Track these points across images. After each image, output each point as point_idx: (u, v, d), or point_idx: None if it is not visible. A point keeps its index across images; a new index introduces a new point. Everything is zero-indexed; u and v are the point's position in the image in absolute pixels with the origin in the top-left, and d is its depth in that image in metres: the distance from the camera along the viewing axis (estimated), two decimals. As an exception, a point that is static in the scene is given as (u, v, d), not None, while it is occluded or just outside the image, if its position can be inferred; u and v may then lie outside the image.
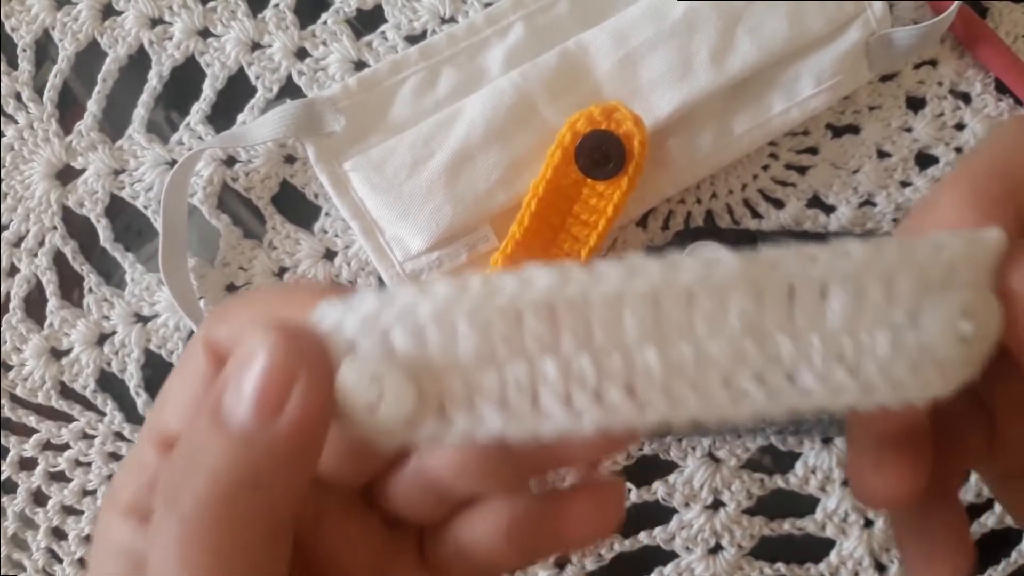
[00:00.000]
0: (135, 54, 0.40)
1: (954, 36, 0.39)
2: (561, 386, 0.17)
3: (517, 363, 0.17)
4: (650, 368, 0.17)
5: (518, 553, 0.22)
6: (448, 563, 0.23)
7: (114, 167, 0.40)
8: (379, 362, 0.17)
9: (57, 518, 0.42)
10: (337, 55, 0.40)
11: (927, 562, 0.23)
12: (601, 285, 0.17)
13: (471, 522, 0.22)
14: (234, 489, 0.17)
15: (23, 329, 0.41)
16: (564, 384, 0.17)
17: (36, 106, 0.40)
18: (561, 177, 0.36)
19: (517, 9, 0.38)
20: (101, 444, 0.41)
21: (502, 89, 0.37)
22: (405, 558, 0.23)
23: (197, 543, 0.17)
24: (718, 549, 0.40)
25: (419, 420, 0.18)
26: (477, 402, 0.17)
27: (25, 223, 0.40)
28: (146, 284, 0.40)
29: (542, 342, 0.17)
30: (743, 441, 0.40)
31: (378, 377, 0.17)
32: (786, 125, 0.38)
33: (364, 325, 0.17)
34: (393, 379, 0.17)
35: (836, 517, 0.40)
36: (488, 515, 0.22)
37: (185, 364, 0.21)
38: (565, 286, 0.17)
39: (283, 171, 0.40)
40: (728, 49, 0.36)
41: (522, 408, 0.17)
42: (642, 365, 0.17)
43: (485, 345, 0.17)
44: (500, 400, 0.17)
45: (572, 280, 0.17)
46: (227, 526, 0.17)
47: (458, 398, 0.17)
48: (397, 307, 0.17)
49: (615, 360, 0.17)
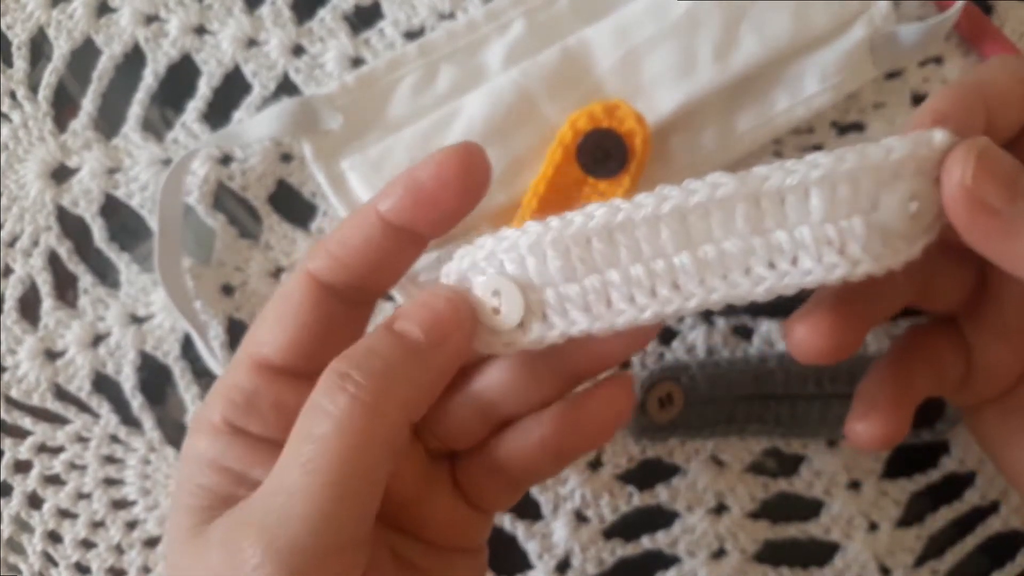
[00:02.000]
0: (130, 51, 0.40)
1: (959, 34, 0.38)
2: (625, 289, 0.24)
3: (592, 276, 0.24)
4: (686, 267, 0.23)
5: (552, 458, 0.27)
6: (481, 483, 0.28)
7: (109, 166, 0.40)
8: (499, 279, 0.24)
9: (53, 521, 0.41)
10: (334, 52, 0.39)
11: (870, 407, 0.28)
12: (641, 210, 0.23)
13: (509, 438, 0.27)
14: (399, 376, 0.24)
15: (18, 330, 0.40)
16: (627, 287, 0.24)
17: (31, 104, 0.40)
18: (562, 176, 0.35)
19: (517, 5, 0.37)
20: (96, 447, 0.41)
21: (502, 86, 0.36)
22: (442, 483, 0.28)
23: (366, 406, 0.23)
24: (722, 553, 0.39)
25: (528, 323, 0.24)
26: (567, 307, 0.24)
27: (20, 223, 0.40)
28: (141, 285, 0.40)
29: (606, 258, 0.23)
30: (747, 444, 0.39)
31: (498, 290, 0.24)
32: (790, 123, 0.37)
33: (486, 257, 0.24)
34: (509, 290, 0.24)
35: (841, 521, 0.39)
36: (524, 429, 0.27)
37: (285, 296, 0.27)
38: (616, 215, 0.23)
39: (280, 170, 0.39)
40: (731, 46, 0.36)
41: (599, 308, 0.24)
42: (679, 265, 0.23)
43: (567, 264, 0.24)
44: (583, 304, 0.24)
45: (621, 209, 0.23)
46: (389, 399, 0.23)
47: (553, 305, 0.24)
48: (506, 242, 0.24)
49: (660, 264, 0.23)
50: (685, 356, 0.39)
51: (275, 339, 0.27)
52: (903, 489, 0.39)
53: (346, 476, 0.22)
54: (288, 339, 0.27)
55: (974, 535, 0.40)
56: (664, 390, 0.38)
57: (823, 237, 0.22)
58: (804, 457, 0.40)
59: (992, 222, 0.22)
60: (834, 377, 0.38)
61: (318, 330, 0.27)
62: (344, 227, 0.26)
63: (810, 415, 0.38)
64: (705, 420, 0.38)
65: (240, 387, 0.27)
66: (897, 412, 0.28)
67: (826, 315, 0.25)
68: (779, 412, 0.38)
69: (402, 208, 0.25)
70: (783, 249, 0.23)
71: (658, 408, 0.38)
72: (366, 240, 0.26)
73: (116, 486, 0.41)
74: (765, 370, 0.38)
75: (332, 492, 0.22)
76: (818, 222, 0.22)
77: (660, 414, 0.38)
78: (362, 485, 0.23)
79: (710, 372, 0.38)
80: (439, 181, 0.25)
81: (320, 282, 0.27)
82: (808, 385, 0.38)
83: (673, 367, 0.38)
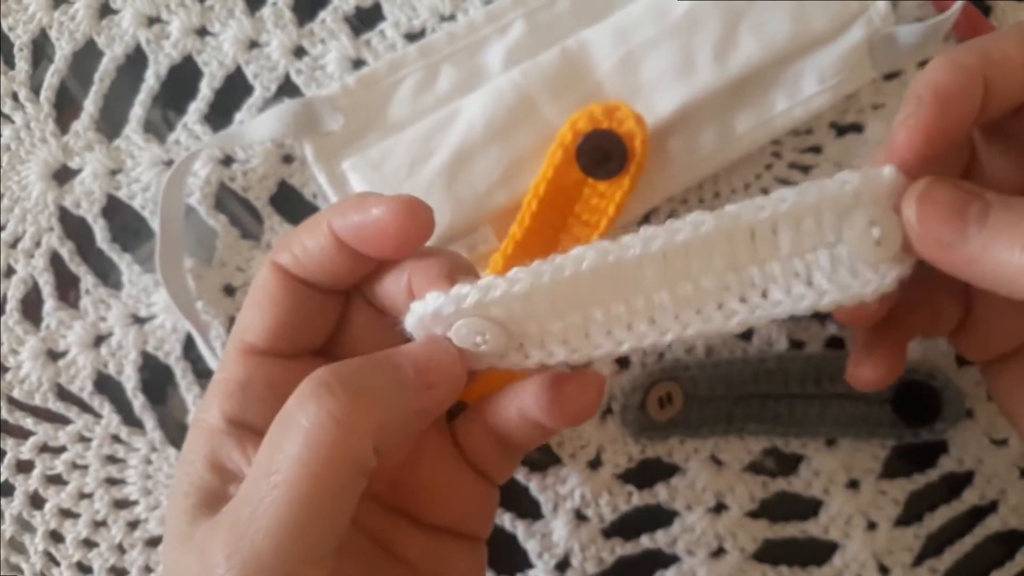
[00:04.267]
0: (132, 53, 0.40)
1: (958, 34, 0.38)
2: (604, 324, 0.25)
3: (575, 314, 0.25)
4: (664, 304, 0.24)
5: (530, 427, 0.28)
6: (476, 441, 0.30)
7: (111, 167, 0.40)
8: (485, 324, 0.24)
9: (54, 521, 0.41)
10: (335, 53, 0.39)
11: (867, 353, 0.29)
12: (628, 252, 0.24)
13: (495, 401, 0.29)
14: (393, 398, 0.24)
15: (20, 331, 0.40)
16: (606, 323, 0.25)
17: (33, 106, 0.40)
18: (562, 176, 0.35)
19: (517, 7, 0.37)
20: (98, 447, 0.41)
21: (502, 88, 0.36)
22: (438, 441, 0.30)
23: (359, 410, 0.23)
24: (721, 552, 0.40)
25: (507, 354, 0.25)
26: (547, 341, 0.25)
27: (22, 224, 0.40)
28: (143, 285, 0.40)
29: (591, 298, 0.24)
30: (746, 443, 0.39)
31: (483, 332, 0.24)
32: (789, 124, 0.37)
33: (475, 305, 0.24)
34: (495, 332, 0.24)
35: (840, 520, 0.39)
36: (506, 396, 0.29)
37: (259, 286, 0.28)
38: (605, 257, 0.24)
39: (281, 171, 0.40)
40: (730, 47, 0.36)
41: (578, 342, 0.25)
42: (658, 302, 0.24)
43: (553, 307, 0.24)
44: (563, 339, 0.25)
45: (609, 252, 0.24)
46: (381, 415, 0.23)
47: (535, 340, 0.25)
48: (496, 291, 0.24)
49: (640, 302, 0.24)
50: (685, 356, 0.39)
51: (256, 324, 0.28)
52: (902, 488, 0.40)
53: (312, 495, 0.22)
54: (268, 323, 0.28)
55: (973, 534, 0.40)
56: (664, 390, 0.38)
57: (791, 270, 0.24)
58: (803, 456, 0.40)
59: (951, 254, 0.23)
60: (833, 377, 0.38)
61: (295, 314, 0.28)
62: (302, 231, 0.27)
63: (809, 415, 0.38)
64: (704, 419, 0.39)
65: (233, 378, 0.28)
66: (892, 352, 0.29)
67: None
68: (778, 412, 0.38)
69: (347, 230, 0.26)
70: (754, 283, 0.24)
71: (658, 407, 0.38)
72: (321, 249, 0.27)
73: (118, 486, 0.41)
74: (764, 370, 0.38)
75: (297, 510, 0.22)
76: (786, 256, 0.24)
77: (660, 413, 0.38)
78: (328, 504, 0.22)
79: (710, 372, 0.38)
80: (378, 229, 0.25)
81: (288, 272, 0.28)
82: (807, 385, 0.38)
83: (673, 367, 0.38)
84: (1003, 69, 0.24)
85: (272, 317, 0.28)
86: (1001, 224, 0.22)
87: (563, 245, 0.36)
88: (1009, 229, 0.22)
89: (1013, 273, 0.22)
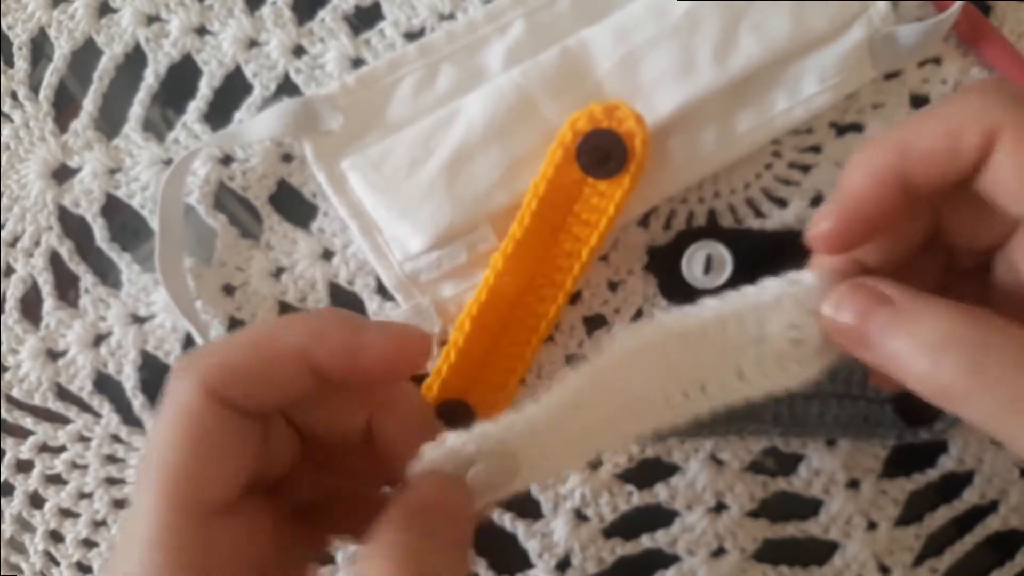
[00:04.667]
0: (131, 52, 0.40)
1: (958, 34, 0.38)
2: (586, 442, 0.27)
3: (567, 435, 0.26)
4: (602, 418, 0.26)
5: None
6: None
7: (110, 166, 0.40)
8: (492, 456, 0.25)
9: (54, 521, 0.41)
10: (335, 52, 0.39)
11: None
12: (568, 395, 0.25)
13: None
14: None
15: (19, 330, 0.40)
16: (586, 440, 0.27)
17: (32, 104, 0.40)
18: (562, 176, 0.35)
19: (517, 6, 0.37)
20: (97, 447, 0.41)
21: (502, 87, 0.36)
22: None
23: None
24: (721, 552, 0.40)
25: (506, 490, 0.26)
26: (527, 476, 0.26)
27: (21, 223, 0.40)
28: (142, 284, 0.40)
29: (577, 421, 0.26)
30: (746, 443, 0.39)
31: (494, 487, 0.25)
32: (789, 124, 0.37)
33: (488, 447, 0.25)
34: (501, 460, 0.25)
35: (840, 520, 0.39)
36: None
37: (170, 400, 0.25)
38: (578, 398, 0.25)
39: (280, 170, 0.39)
40: (731, 47, 0.36)
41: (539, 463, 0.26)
42: (601, 416, 0.26)
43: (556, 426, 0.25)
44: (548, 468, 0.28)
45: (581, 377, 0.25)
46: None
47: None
48: (513, 431, 0.25)
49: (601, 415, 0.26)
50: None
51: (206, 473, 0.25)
52: (902, 488, 0.40)
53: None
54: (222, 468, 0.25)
55: (973, 534, 0.40)
56: (663, 390, 0.38)
57: (724, 367, 0.26)
58: (803, 456, 0.40)
59: (871, 355, 0.24)
60: (832, 377, 0.38)
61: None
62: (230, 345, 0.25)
63: (809, 415, 0.38)
64: (704, 419, 0.38)
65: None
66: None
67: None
68: (778, 411, 0.38)
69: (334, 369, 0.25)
70: (693, 382, 0.26)
71: (658, 408, 0.38)
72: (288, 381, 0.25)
73: (117, 485, 0.41)
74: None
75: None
76: (718, 354, 0.26)
77: (660, 413, 0.38)
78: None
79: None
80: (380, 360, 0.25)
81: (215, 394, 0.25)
82: (807, 385, 0.38)
83: (672, 367, 0.38)
84: (925, 163, 0.24)
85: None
86: (902, 334, 0.23)
87: (563, 245, 0.36)
88: (911, 340, 0.23)
89: (919, 379, 0.22)
